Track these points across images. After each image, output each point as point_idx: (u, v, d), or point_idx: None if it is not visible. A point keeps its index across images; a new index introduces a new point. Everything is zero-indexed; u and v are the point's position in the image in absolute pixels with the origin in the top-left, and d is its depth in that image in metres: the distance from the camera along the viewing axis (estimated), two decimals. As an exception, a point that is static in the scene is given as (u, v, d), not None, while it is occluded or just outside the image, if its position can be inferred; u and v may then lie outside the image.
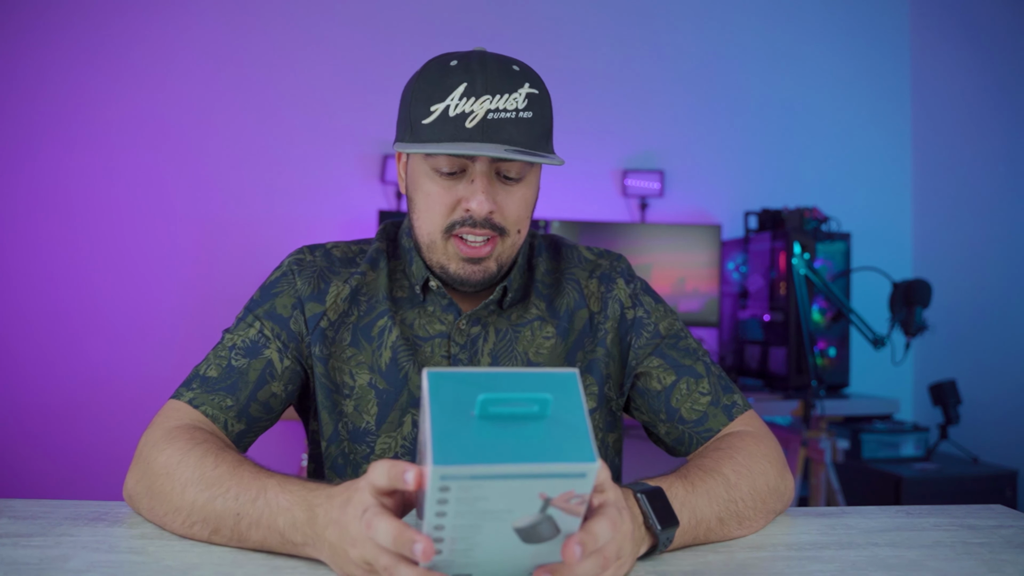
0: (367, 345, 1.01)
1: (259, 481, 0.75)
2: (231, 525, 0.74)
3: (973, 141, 3.06)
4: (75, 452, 2.74)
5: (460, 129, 0.89)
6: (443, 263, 0.97)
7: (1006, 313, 2.84)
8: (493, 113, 0.89)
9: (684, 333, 1.07)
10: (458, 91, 0.89)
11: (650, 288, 1.10)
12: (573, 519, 0.59)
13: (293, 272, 1.02)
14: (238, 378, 0.95)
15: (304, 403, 1.06)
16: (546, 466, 0.55)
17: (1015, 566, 0.76)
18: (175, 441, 0.84)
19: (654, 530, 0.74)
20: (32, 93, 2.78)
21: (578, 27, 3.13)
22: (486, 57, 0.92)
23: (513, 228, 0.96)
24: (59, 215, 2.79)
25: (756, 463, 0.89)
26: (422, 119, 0.91)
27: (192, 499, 0.77)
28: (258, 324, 0.99)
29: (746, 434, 0.96)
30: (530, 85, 0.92)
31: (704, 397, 1.01)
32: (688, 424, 1.01)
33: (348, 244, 1.08)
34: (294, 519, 0.70)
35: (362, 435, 0.99)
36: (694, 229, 2.91)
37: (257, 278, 3.14)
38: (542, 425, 0.57)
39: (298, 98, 2.94)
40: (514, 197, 0.95)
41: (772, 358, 2.76)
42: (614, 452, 1.08)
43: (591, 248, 1.12)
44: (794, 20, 3.30)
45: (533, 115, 0.91)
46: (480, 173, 0.91)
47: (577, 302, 1.06)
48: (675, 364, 1.03)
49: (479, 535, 0.58)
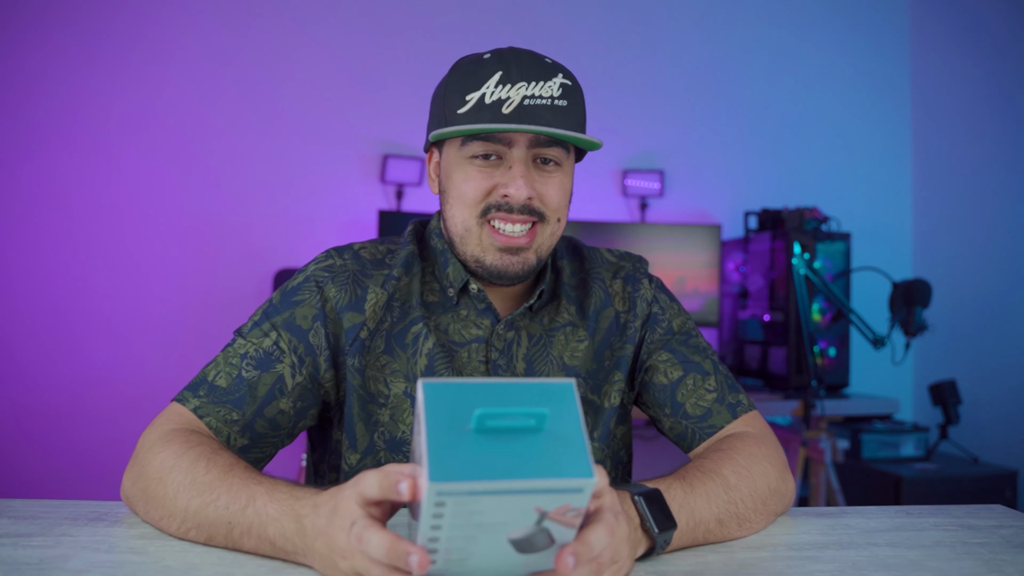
0: (401, 353, 0.98)
1: (248, 489, 0.74)
2: (224, 533, 0.74)
3: (973, 141, 3.06)
4: (75, 452, 2.74)
5: (497, 115, 0.89)
6: (478, 255, 0.95)
7: (1006, 313, 2.84)
8: (529, 99, 0.89)
9: (695, 332, 1.08)
10: (494, 79, 0.90)
11: (665, 287, 1.12)
12: (569, 530, 0.59)
13: (322, 281, 0.98)
14: (246, 391, 0.92)
15: (326, 415, 1.01)
16: (543, 482, 0.55)
17: (1015, 566, 0.76)
18: (170, 444, 0.83)
19: (651, 533, 0.73)
20: (32, 93, 2.78)
21: (578, 27, 3.13)
22: (520, 50, 0.94)
23: (553, 215, 0.95)
24: (59, 215, 2.79)
25: (757, 464, 0.89)
26: (457, 109, 0.91)
27: (184, 506, 0.77)
28: (274, 334, 0.95)
29: (747, 435, 0.96)
30: (563, 76, 0.93)
31: (710, 394, 1.01)
32: (692, 419, 1.01)
33: (375, 244, 1.05)
34: (283, 529, 0.70)
35: (399, 444, 0.97)
36: (694, 229, 2.91)
37: (256, 278, 3.12)
38: (539, 439, 0.57)
39: (298, 98, 2.94)
40: (552, 183, 0.94)
41: (772, 358, 2.76)
42: (622, 445, 1.07)
43: (611, 250, 1.13)
44: (794, 20, 3.30)
45: (568, 104, 0.92)
46: (518, 159, 0.91)
47: (603, 301, 1.06)
48: (683, 360, 1.03)
49: (474, 546, 0.58)
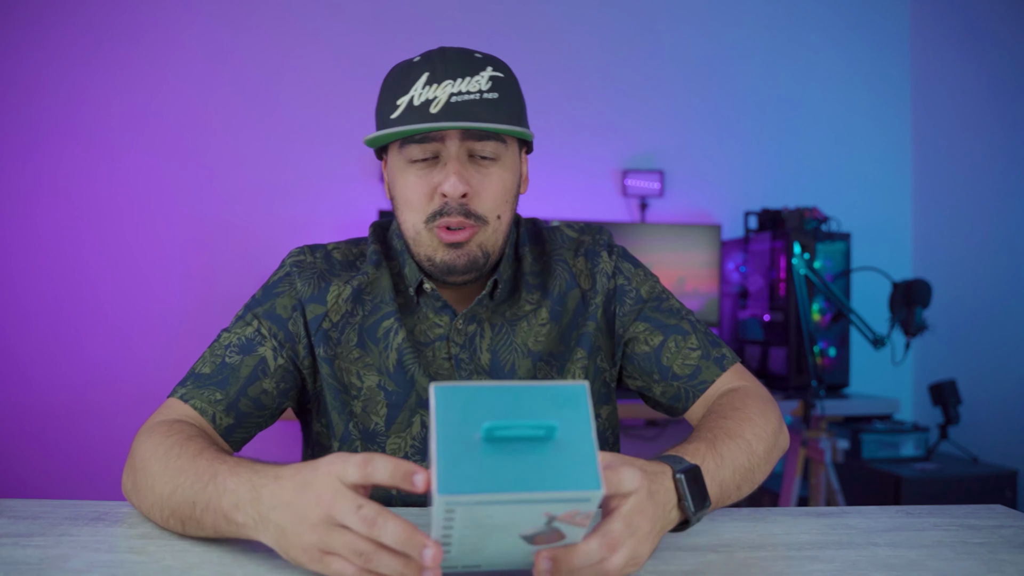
0: (373, 347, 1.00)
1: (212, 467, 0.74)
2: (189, 514, 0.74)
3: (973, 141, 3.06)
4: (75, 452, 2.74)
5: (426, 116, 0.90)
6: (430, 254, 0.96)
7: (1006, 313, 2.84)
8: (456, 96, 0.90)
9: (666, 295, 1.08)
10: (420, 81, 0.91)
11: (628, 253, 1.11)
12: (579, 529, 0.60)
13: (293, 275, 1.02)
14: (229, 374, 0.95)
15: (303, 404, 1.05)
16: (550, 494, 0.55)
17: (1015, 566, 0.76)
18: (152, 435, 0.84)
19: (687, 511, 0.74)
20: (31, 92, 2.78)
21: (578, 27, 3.13)
22: (447, 48, 0.94)
23: (492, 214, 0.95)
24: (59, 214, 2.79)
25: (768, 423, 0.92)
26: (390, 114, 0.93)
27: (160, 492, 0.77)
28: (256, 323, 0.99)
29: (750, 391, 0.98)
30: (493, 69, 0.93)
31: (694, 352, 1.02)
32: (682, 379, 1.02)
33: (348, 246, 1.08)
34: (237, 499, 0.69)
35: (372, 435, 0.99)
36: (694, 229, 2.91)
37: (257, 278, 3.14)
38: (548, 449, 0.57)
39: (298, 98, 2.94)
40: (490, 179, 0.94)
41: (772, 358, 2.76)
42: (608, 426, 1.07)
43: (571, 224, 1.12)
44: (794, 20, 3.30)
45: (499, 96, 0.92)
46: (451, 156, 0.92)
47: (568, 283, 1.06)
48: (661, 325, 1.04)
49: (486, 540, 0.59)
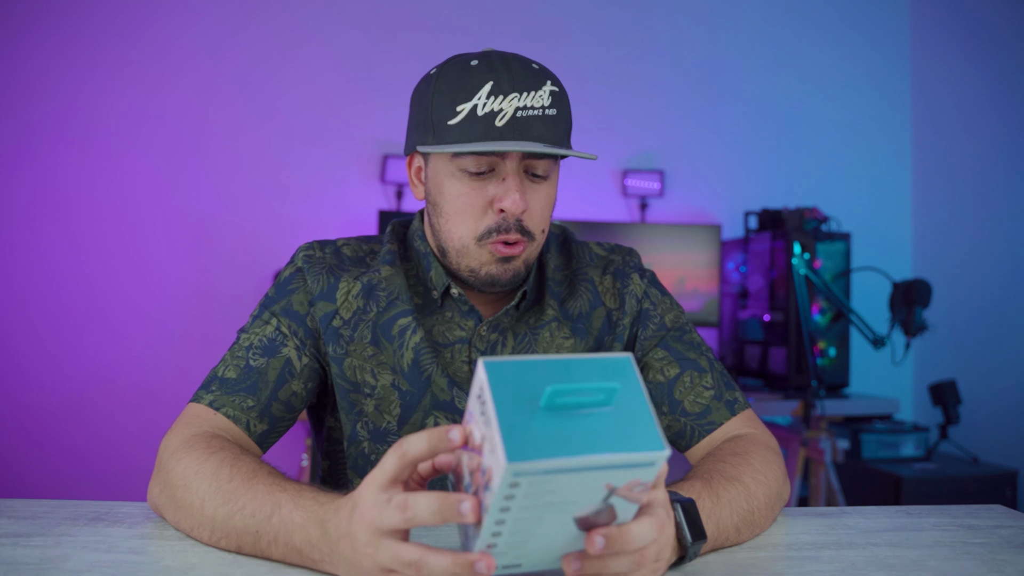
0: (387, 344, 0.99)
1: (273, 497, 0.73)
2: (252, 543, 0.74)
3: (973, 141, 3.06)
4: (75, 452, 2.73)
5: (490, 128, 0.88)
6: (474, 268, 0.95)
7: (1006, 313, 2.84)
8: (522, 111, 0.89)
9: (689, 327, 1.07)
10: (484, 89, 0.89)
11: (657, 280, 1.11)
12: (632, 506, 0.59)
13: (305, 269, 1.01)
14: (257, 378, 0.94)
15: (321, 399, 1.04)
16: (617, 456, 0.54)
17: (1015, 566, 0.76)
18: (192, 450, 0.83)
19: (684, 542, 0.72)
20: (31, 93, 2.78)
21: (578, 27, 3.13)
22: (506, 56, 0.92)
23: (538, 230, 0.95)
24: (59, 215, 2.79)
25: (770, 470, 0.89)
26: (447, 119, 0.90)
27: (212, 514, 0.76)
28: (275, 321, 0.97)
29: (756, 438, 0.96)
30: (551, 83, 0.92)
31: (708, 391, 1.01)
32: (691, 417, 1.01)
33: (358, 243, 1.06)
34: (309, 537, 0.69)
35: (383, 435, 0.98)
36: (694, 229, 2.91)
37: (256, 278, 3.13)
38: (607, 414, 0.56)
39: (298, 98, 2.94)
40: (540, 196, 0.94)
41: (772, 358, 2.76)
42: None
43: (601, 244, 1.12)
44: (794, 20, 3.30)
45: (558, 112, 0.92)
46: (512, 171, 0.91)
47: (592, 302, 1.05)
48: (679, 357, 1.03)
49: (537, 527, 0.58)
